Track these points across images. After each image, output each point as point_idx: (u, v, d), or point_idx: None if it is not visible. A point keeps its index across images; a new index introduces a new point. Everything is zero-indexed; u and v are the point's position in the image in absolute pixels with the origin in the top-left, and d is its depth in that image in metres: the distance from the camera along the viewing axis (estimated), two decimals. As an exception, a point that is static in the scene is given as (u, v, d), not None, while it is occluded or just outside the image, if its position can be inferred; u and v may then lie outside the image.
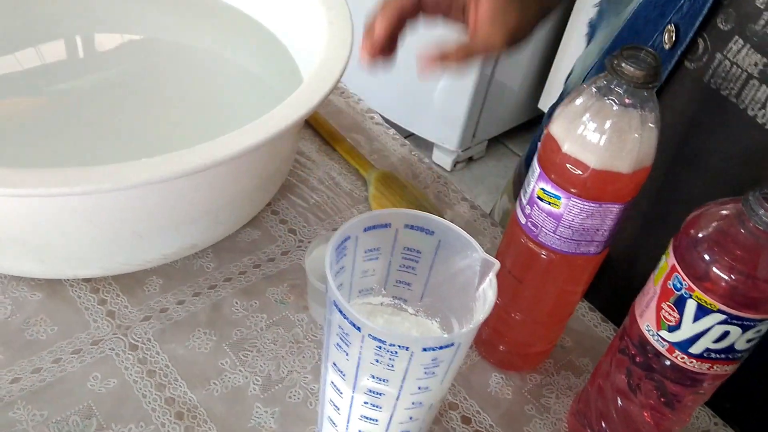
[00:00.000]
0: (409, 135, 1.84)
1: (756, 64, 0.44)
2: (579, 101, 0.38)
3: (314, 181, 0.62)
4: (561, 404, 0.49)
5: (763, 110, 0.44)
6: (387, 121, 0.72)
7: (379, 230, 0.39)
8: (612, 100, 0.37)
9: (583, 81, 0.60)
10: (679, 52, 0.47)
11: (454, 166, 1.91)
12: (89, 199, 0.42)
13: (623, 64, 0.36)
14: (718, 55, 0.46)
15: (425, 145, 1.87)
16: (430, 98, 1.79)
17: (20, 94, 0.57)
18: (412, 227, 0.39)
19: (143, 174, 0.39)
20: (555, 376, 0.50)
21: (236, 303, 0.51)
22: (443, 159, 1.89)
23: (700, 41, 0.47)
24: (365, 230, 0.38)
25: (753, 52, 0.44)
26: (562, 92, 0.67)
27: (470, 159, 1.95)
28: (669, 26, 0.48)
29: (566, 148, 0.38)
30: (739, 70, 0.45)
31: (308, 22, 0.58)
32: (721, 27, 0.45)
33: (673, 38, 0.47)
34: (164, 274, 0.52)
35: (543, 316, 0.47)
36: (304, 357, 0.49)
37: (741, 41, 0.44)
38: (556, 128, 0.39)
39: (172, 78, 0.62)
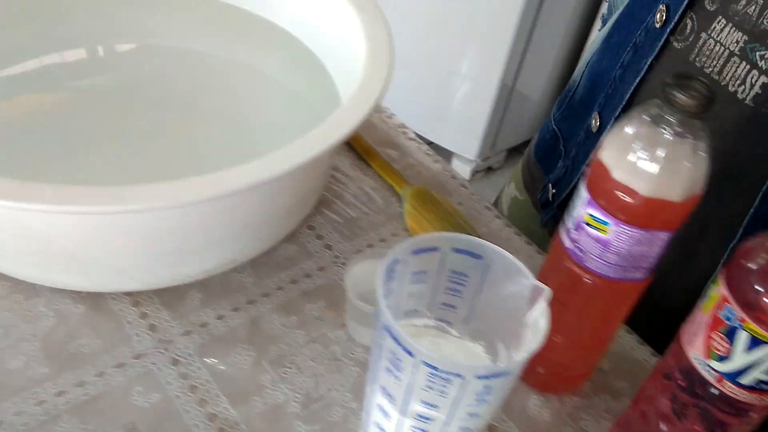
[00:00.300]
0: (428, 143, 1.84)
1: (737, 42, 0.47)
2: (630, 129, 0.38)
3: (349, 197, 0.62)
4: (600, 427, 0.49)
5: (743, 86, 0.47)
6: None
7: (427, 254, 0.39)
8: (664, 128, 0.37)
9: (585, 68, 0.65)
10: (667, 30, 0.51)
11: (473, 175, 1.91)
12: (139, 216, 0.43)
13: (676, 94, 0.36)
14: (704, 35, 0.49)
15: (444, 154, 1.87)
16: (450, 107, 1.79)
17: (50, 105, 0.58)
18: (460, 251, 0.39)
19: (202, 191, 0.39)
20: (593, 398, 0.50)
21: (275, 319, 0.52)
22: (462, 168, 1.89)
23: (688, 21, 0.50)
24: (413, 253, 0.38)
25: (735, 31, 0.47)
26: (569, 83, 0.69)
27: (489, 168, 1.95)
28: (661, 6, 0.52)
29: (616, 175, 0.38)
30: (722, 48, 0.48)
31: (346, 38, 0.58)
32: (708, 7, 0.49)
33: (664, 17, 0.51)
34: (203, 288, 0.53)
35: (584, 339, 0.47)
36: (342, 375, 0.49)
37: (724, 20, 0.47)
38: (606, 155, 0.39)
39: (205, 89, 0.63)
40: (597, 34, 0.65)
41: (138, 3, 0.66)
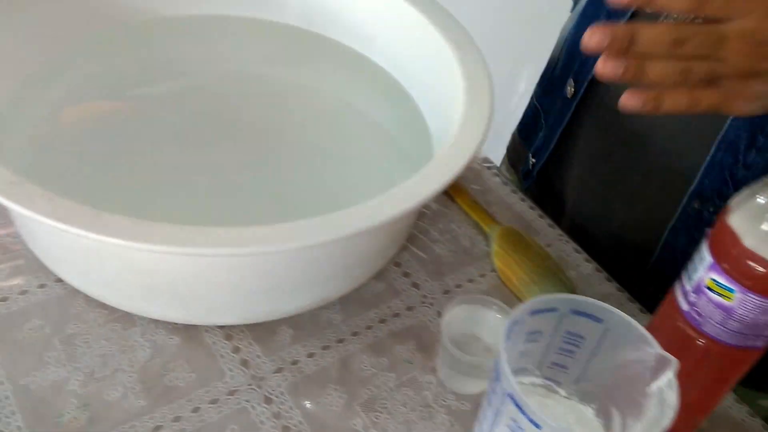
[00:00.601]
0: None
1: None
2: (764, 198, 0.37)
3: (435, 233, 0.62)
4: (700, 493, 0.47)
5: None
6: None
7: (545, 314, 0.38)
8: (803, 198, 0.36)
9: (563, 44, 0.68)
10: None
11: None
12: (245, 256, 0.43)
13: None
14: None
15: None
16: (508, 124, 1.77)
17: (135, 133, 0.59)
18: (579, 313, 0.38)
19: (318, 235, 0.39)
20: (693, 461, 0.49)
21: (364, 360, 0.51)
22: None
23: None
24: (531, 314, 0.37)
25: None
26: (548, 61, 0.71)
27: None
28: None
29: (747, 242, 0.37)
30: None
31: (441, 75, 0.58)
32: None
33: None
34: (294, 324, 0.52)
35: (690, 401, 0.45)
36: (434, 423, 0.48)
37: None
38: (737, 221, 0.38)
39: (292, 117, 0.63)
40: (570, 15, 0.69)
41: (232, 31, 0.67)
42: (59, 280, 0.51)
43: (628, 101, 0.38)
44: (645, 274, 0.61)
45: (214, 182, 0.55)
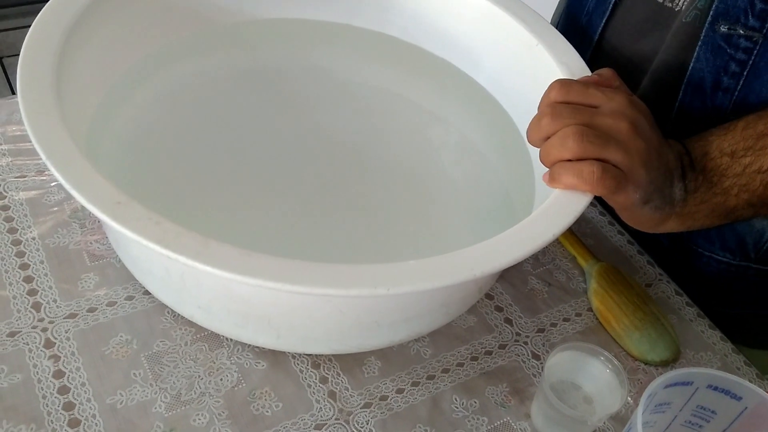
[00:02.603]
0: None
1: None
2: None
3: (528, 266, 0.59)
4: None
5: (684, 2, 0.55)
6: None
7: (679, 387, 0.35)
8: None
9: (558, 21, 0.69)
10: None
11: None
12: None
13: None
14: None
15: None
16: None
17: (230, 149, 0.57)
18: (715, 388, 0.35)
19: (433, 280, 0.37)
20: None
21: (455, 399, 0.49)
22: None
23: None
24: (665, 387, 0.34)
25: None
26: None
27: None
28: None
29: None
30: None
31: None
32: None
33: None
34: (382, 356, 0.50)
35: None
36: (530, 476, 0.46)
37: None
38: None
39: (390, 133, 0.60)
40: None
41: (325, 38, 0.65)
42: (147, 293, 0.50)
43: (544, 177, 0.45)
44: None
45: (302, 199, 0.53)
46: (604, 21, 0.62)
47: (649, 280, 0.60)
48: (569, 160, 0.43)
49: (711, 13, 0.52)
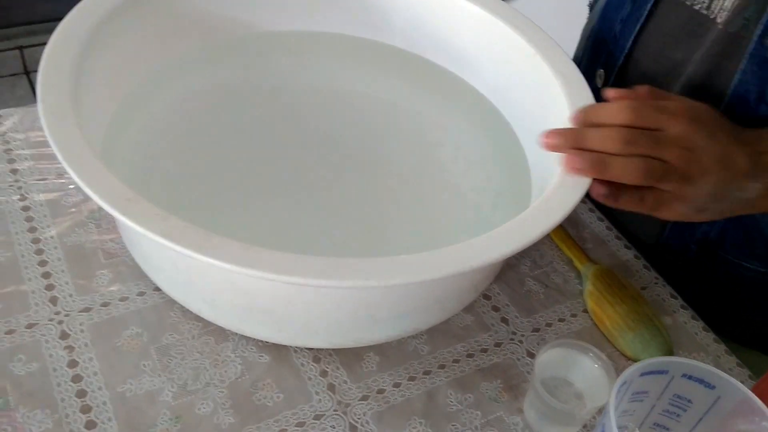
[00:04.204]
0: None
1: None
2: None
3: (525, 268, 0.60)
4: None
5: (723, 12, 0.54)
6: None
7: (655, 376, 0.36)
8: None
9: (587, 40, 0.70)
10: None
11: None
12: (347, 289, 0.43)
13: None
14: None
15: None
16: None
17: (237, 151, 0.59)
18: (690, 377, 0.36)
19: (429, 271, 0.39)
20: None
21: (450, 394, 0.50)
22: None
23: None
24: (641, 375, 0.36)
25: None
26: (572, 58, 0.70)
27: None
28: None
29: None
30: None
31: (548, 112, 0.57)
32: None
33: None
34: (381, 351, 0.52)
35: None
36: (520, 467, 0.47)
37: None
38: None
39: (391, 138, 0.63)
40: (589, 16, 0.72)
41: (333, 49, 0.67)
42: (157, 289, 0.52)
43: (594, 190, 0.46)
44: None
45: (305, 200, 0.55)
46: (638, 28, 0.61)
47: (644, 283, 0.61)
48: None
49: (761, 26, 0.51)
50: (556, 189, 0.46)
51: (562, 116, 0.54)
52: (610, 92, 0.49)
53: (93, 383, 0.47)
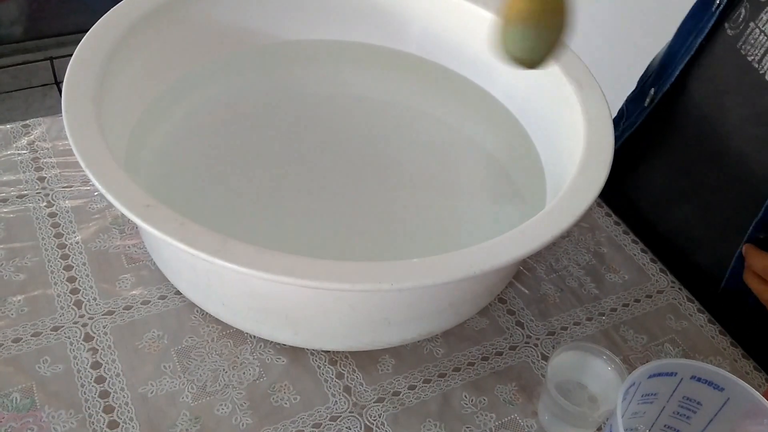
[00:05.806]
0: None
1: None
2: None
3: (541, 272, 0.61)
4: None
5: None
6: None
7: (663, 378, 0.37)
8: None
9: (662, 55, 0.67)
10: (717, 13, 0.56)
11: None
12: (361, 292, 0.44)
13: None
14: (752, 24, 0.53)
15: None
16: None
17: (253, 155, 0.61)
18: (699, 379, 0.36)
19: (443, 274, 0.40)
20: None
21: (465, 396, 0.51)
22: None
23: (742, 9, 0.54)
24: (649, 377, 0.36)
25: None
26: (646, 70, 0.70)
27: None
28: None
29: None
30: (765, 37, 0.51)
31: (563, 118, 0.57)
32: None
33: (719, 1, 0.56)
34: (396, 354, 0.53)
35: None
36: (534, 469, 0.48)
37: None
38: None
39: (406, 142, 0.63)
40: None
41: (351, 57, 0.68)
42: (178, 293, 0.54)
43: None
44: (715, 298, 0.60)
45: (322, 205, 0.56)
46: (687, 58, 0.59)
47: (661, 287, 0.61)
48: None
49: None
50: (569, 192, 0.47)
51: (576, 121, 0.54)
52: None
53: (116, 384, 0.48)
